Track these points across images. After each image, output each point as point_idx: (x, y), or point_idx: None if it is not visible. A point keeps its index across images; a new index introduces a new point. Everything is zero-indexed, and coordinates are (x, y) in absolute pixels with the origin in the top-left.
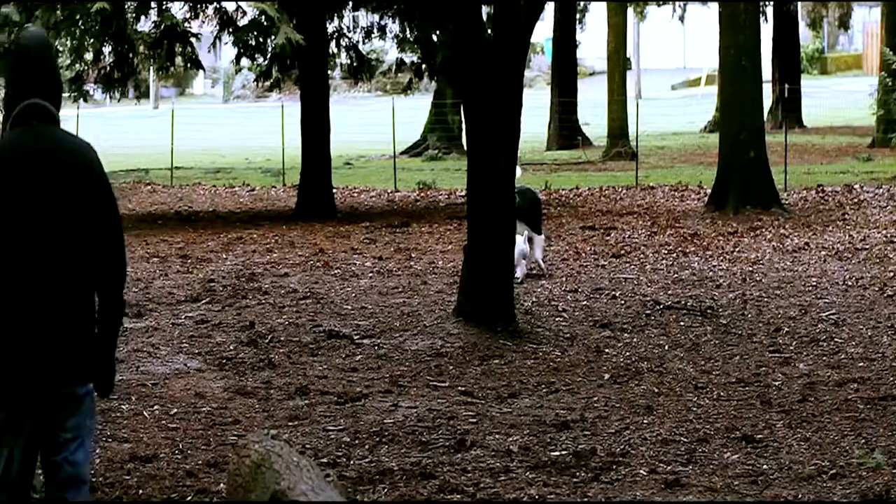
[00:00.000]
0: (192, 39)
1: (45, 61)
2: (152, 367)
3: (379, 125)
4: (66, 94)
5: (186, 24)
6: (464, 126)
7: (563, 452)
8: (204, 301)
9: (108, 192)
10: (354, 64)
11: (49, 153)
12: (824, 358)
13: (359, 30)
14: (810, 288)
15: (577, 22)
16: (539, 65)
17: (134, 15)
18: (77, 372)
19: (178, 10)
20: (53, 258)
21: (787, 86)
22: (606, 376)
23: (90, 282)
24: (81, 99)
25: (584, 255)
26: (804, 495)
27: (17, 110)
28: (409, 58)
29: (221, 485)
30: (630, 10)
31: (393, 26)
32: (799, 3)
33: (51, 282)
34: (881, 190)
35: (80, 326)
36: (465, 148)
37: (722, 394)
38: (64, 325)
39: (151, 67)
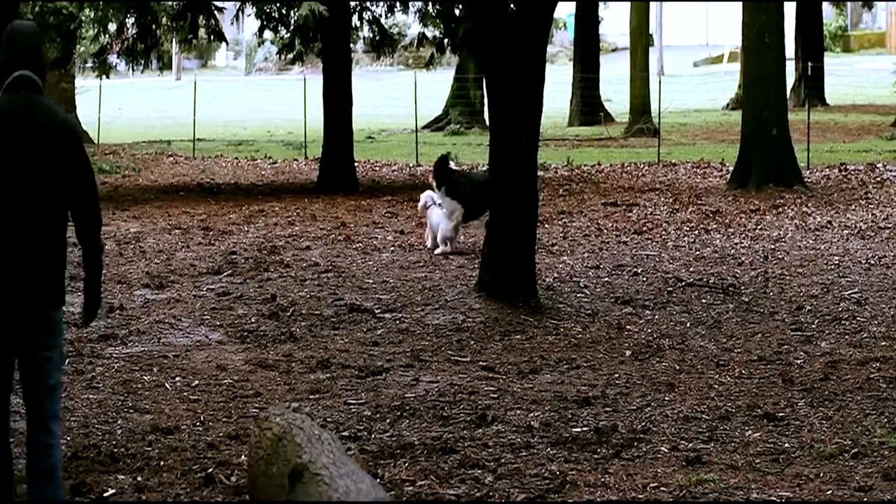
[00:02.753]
0: (216, 11)
1: (33, 43)
2: (174, 339)
3: (401, 99)
4: (89, 66)
5: None
6: (486, 101)
7: (585, 429)
8: (226, 273)
9: (81, 150)
10: (377, 37)
11: (32, 116)
12: (846, 337)
13: (381, 3)
14: (832, 266)
15: None
16: (561, 40)
17: None
18: (52, 298)
19: None
20: (32, 203)
21: (809, 64)
22: (628, 353)
23: (63, 224)
24: (104, 75)
25: (605, 231)
26: (826, 474)
27: (8, 81)
28: (432, 32)
29: (243, 457)
30: None
31: (415, 0)
32: None
33: (30, 223)
34: None
35: (54, 260)
36: (487, 123)
37: (743, 371)
38: (40, 260)
39: (174, 39)
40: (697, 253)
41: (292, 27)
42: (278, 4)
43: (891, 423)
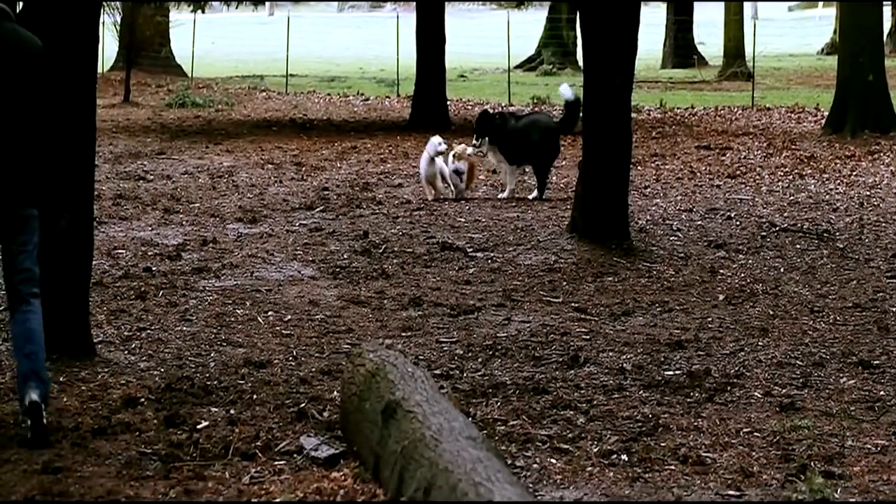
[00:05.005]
0: None
1: None
2: (266, 273)
3: (493, 38)
4: (184, 1)
5: None
6: (579, 41)
7: (677, 372)
8: (318, 209)
9: (50, 72)
10: None
11: (6, 40)
12: None
13: None
14: None
15: None
16: None
17: None
18: (27, 199)
19: None
20: (9, 113)
21: None
22: (721, 297)
23: (33, 133)
24: (200, 10)
25: (699, 174)
26: None
27: None
28: None
29: (335, 393)
30: None
31: None
32: None
33: (9, 132)
34: None
35: (28, 165)
36: (580, 63)
37: (838, 318)
38: (18, 165)
39: None
40: (791, 198)
41: None
42: None
43: None
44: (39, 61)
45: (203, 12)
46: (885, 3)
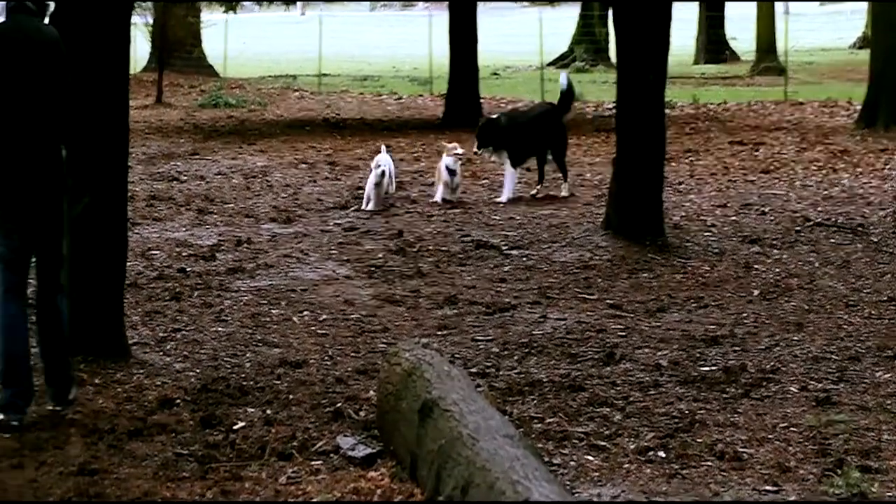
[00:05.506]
0: None
1: None
2: (301, 273)
3: (525, 36)
4: (216, 0)
5: None
6: (612, 38)
7: (713, 368)
8: (352, 208)
9: (71, 66)
10: None
11: (29, 35)
12: None
13: None
14: None
15: None
16: None
17: None
18: (55, 192)
19: None
20: (36, 109)
21: None
22: (756, 292)
23: (59, 128)
24: (231, 11)
25: (732, 170)
26: None
27: (10, 5)
28: None
29: (371, 392)
30: None
31: None
32: None
33: (36, 126)
34: None
35: (57, 157)
36: (613, 60)
37: (873, 312)
38: (46, 162)
39: None
40: (825, 192)
41: None
42: None
43: None
44: (56, 51)
45: (235, 13)
46: None
